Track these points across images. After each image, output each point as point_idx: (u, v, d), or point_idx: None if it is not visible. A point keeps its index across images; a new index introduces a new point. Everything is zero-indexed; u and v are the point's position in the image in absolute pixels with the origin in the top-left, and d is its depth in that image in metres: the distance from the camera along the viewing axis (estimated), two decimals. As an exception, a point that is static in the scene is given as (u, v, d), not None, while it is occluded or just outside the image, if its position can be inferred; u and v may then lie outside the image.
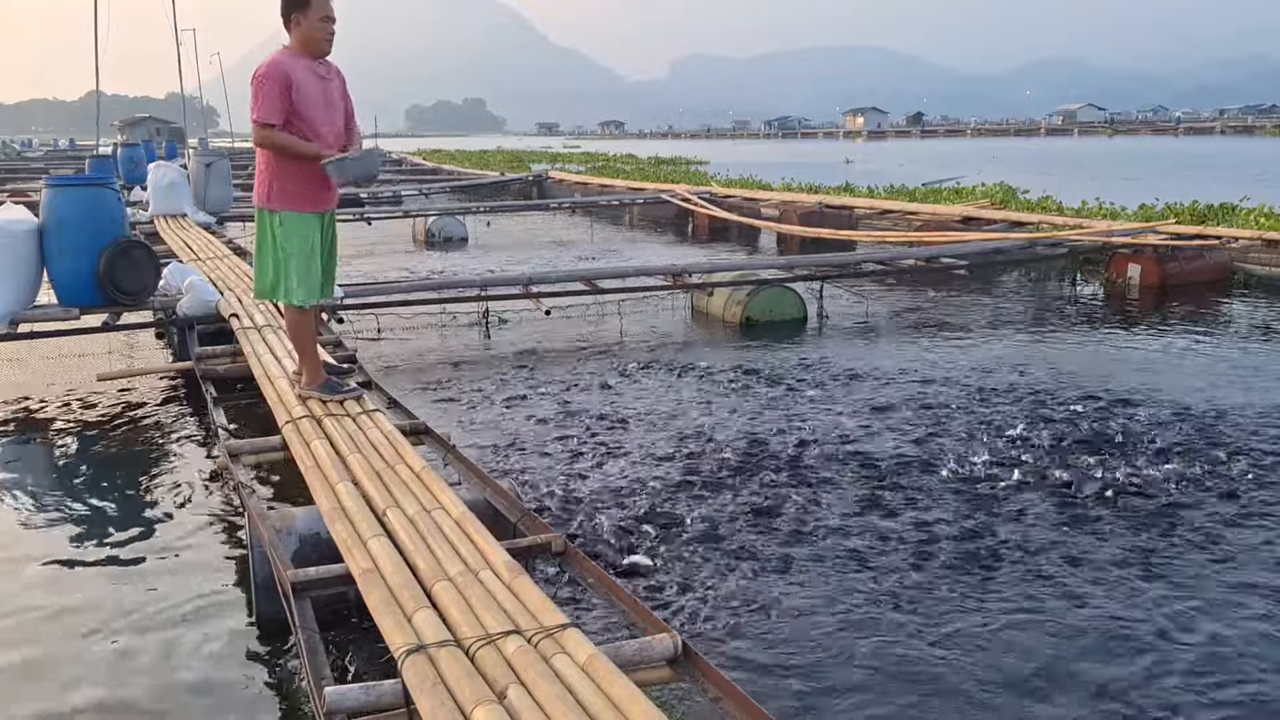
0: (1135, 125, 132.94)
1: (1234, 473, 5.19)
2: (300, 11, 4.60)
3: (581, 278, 9.99)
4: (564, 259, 14.91)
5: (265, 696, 3.37)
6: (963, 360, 7.89)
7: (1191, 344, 8.46)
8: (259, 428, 5.38)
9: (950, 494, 4.96)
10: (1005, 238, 12.09)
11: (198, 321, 7.35)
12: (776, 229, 16.65)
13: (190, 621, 3.86)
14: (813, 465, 5.39)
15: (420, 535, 3.29)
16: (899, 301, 10.98)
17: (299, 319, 4.85)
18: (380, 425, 4.52)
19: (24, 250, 7.18)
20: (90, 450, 5.97)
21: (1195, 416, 6.15)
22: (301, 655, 2.86)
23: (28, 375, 7.93)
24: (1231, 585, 4.01)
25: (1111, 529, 4.53)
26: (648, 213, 20.91)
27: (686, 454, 5.61)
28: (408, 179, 30.76)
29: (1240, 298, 10.73)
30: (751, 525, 4.61)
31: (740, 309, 9.60)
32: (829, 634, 3.65)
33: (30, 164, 38.37)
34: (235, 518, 4.80)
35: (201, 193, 15.33)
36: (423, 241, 17.30)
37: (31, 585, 4.22)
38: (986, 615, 3.77)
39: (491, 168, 34.54)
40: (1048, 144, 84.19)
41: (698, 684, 2.63)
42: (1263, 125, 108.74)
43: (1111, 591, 3.96)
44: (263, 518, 3.70)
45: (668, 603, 3.86)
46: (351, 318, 9.15)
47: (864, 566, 4.19)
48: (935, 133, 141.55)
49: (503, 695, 2.35)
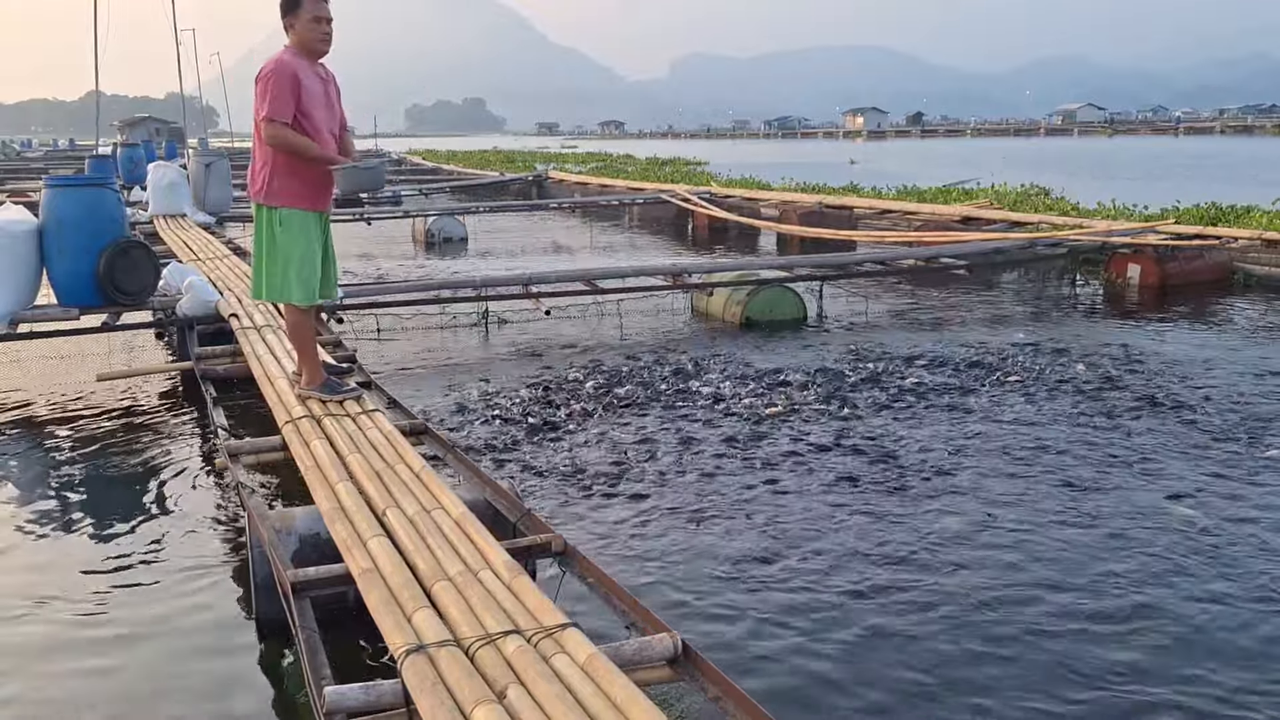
0: (1135, 125, 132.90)
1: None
2: (292, 14, 4.62)
3: (581, 278, 9.99)
4: (564, 259, 14.92)
5: (265, 696, 3.37)
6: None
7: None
8: (259, 428, 5.37)
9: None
10: (1005, 238, 12.09)
11: (197, 321, 7.35)
12: (776, 229, 16.65)
13: (190, 621, 3.86)
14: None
15: (420, 535, 3.29)
16: (899, 301, 10.98)
17: (299, 319, 4.85)
18: (380, 425, 4.52)
19: (24, 250, 7.18)
20: (90, 450, 5.97)
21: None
22: (301, 655, 2.86)
23: (27, 376, 7.93)
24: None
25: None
26: (647, 213, 20.91)
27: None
28: (407, 179, 30.74)
29: (1240, 297, 10.74)
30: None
31: (740, 309, 9.60)
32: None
33: (30, 164, 38.36)
34: (235, 518, 4.81)
35: (201, 193, 15.33)
36: (422, 242, 17.30)
37: (31, 585, 4.21)
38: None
39: (489, 168, 34.48)
40: (1048, 144, 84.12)
41: (698, 684, 2.63)
42: (1263, 125, 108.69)
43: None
44: (263, 518, 3.70)
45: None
46: (351, 318, 9.15)
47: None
48: (935, 132, 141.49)
49: (503, 695, 2.35)
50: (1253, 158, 47.39)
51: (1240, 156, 49.15)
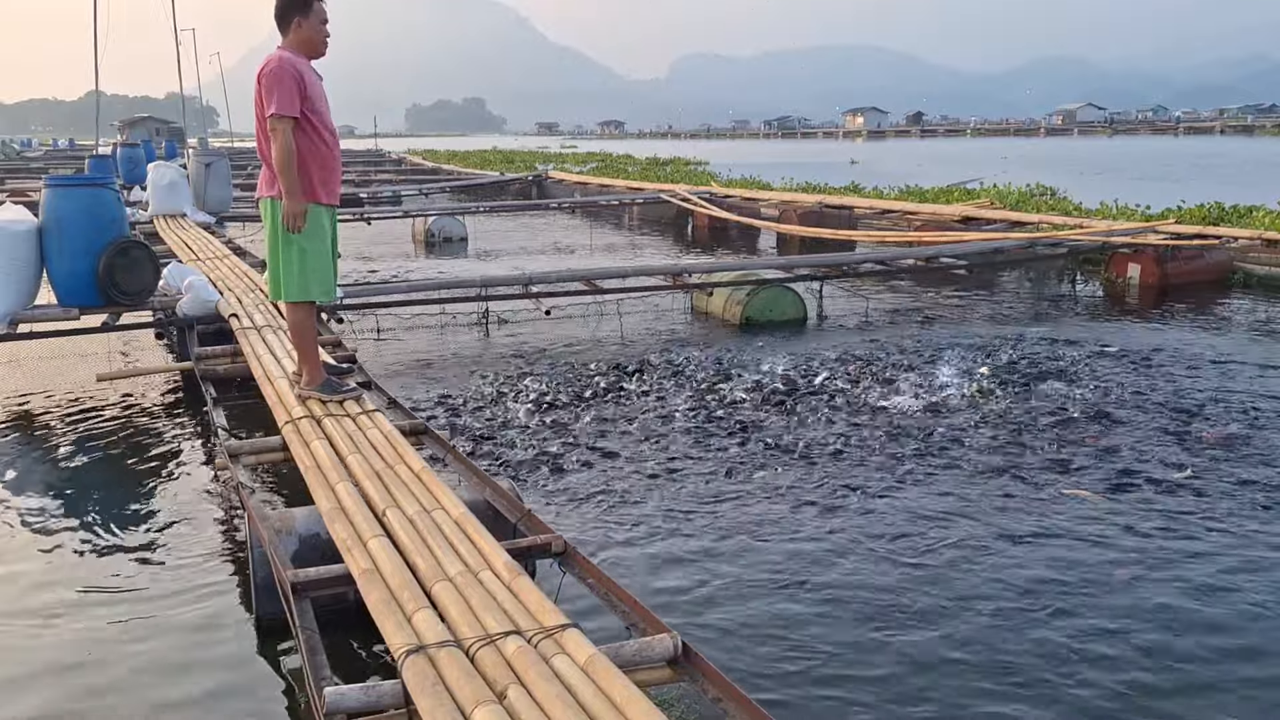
0: (1135, 125, 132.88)
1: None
2: (303, 14, 4.61)
3: (581, 278, 9.99)
4: (564, 259, 14.92)
5: (265, 696, 3.37)
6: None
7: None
8: (259, 428, 5.38)
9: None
10: (1005, 237, 12.09)
11: (197, 321, 7.34)
12: (776, 229, 16.64)
13: (190, 622, 3.86)
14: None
15: (420, 535, 3.29)
16: (898, 301, 10.98)
17: (302, 318, 4.82)
18: (380, 425, 4.52)
19: (23, 250, 7.17)
20: (90, 451, 5.96)
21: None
22: (301, 655, 2.86)
23: (27, 376, 7.93)
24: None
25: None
26: (647, 212, 20.91)
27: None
28: (407, 179, 30.73)
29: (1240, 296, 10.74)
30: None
31: (740, 309, 9.60)
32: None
33: (30, 164, 38.32)
34: (235, 518, 4.80)
35: (201, 193, 15.31)
36: (422, 242, 17.30)
37: (30, 585, 4.21)
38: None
39: (489, 168, 34.44)
40: (1049, 144, 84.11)
41: (698, 684, 2.63)
42: (1263, 125, 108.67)
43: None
44: (263, 518, 3.69)
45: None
46: (351, 318, 9.14)
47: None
48: (935, 132, 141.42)
49: (503, 696, 2.35)
50: (1253, 158, 47.36)
51: (1242, 156, 49.11)
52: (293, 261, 4.65)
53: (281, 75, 4.50)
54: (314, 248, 4.67)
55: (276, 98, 4.47)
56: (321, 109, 4.66)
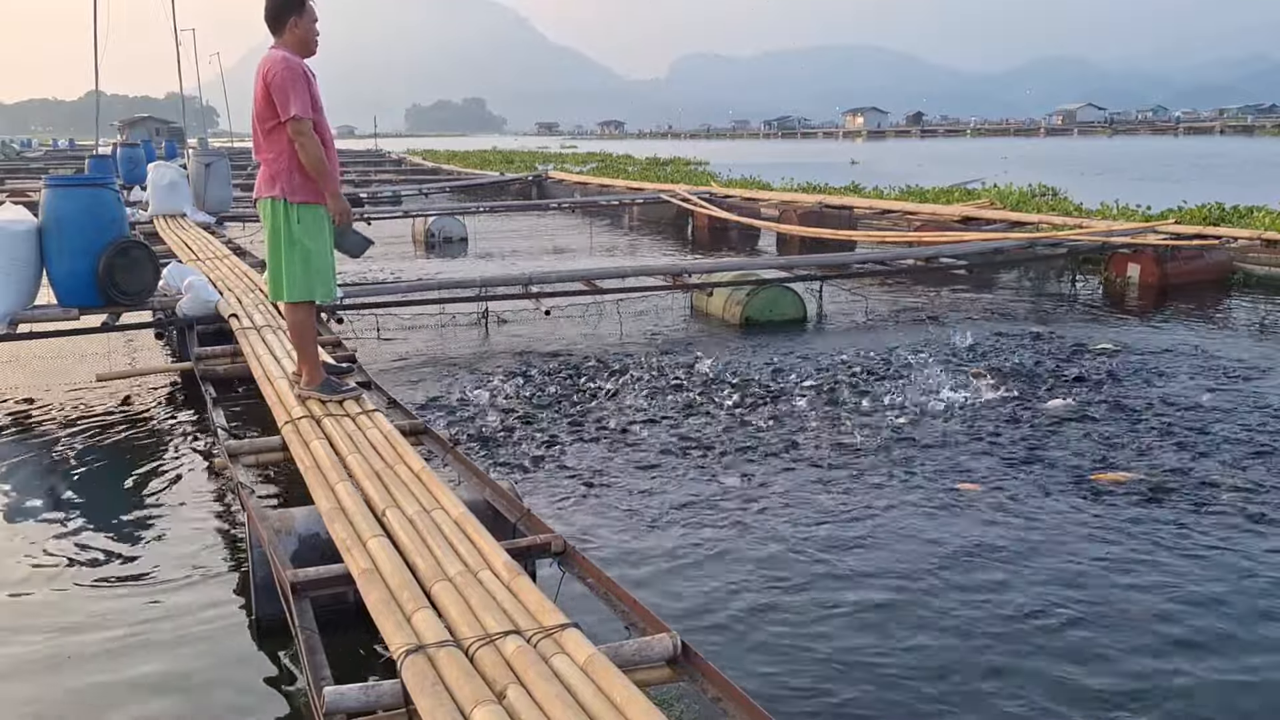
0: (1135, 125, 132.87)
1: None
2: (298, 14, 4.61)
3: (581, 278, 9.99)
4: (564, 259, 14.91)
5: (265, 696, 3.37)
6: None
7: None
8: (259, 428, 5.38)
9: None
10: (1005, 237, 12.09)
11: (197, 321, 7.35)
12: (776, 229, 16.63)
13: (189, 622, 3.86)
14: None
15: (420, 535, 3.29)
16: (898, 301, 10.98)
17: (302, 318, 4.83)
18: (380, 425, 4.52)
19: (23, 250, 7.18)
20: (90, 451, 5.96)
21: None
22: (301, 655, 2.86)
23: (27, 376, 7.93)
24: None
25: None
26: (647, 212, 20.90)
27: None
28: (407, 179, 30.72)
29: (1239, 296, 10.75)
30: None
31: (740, 309, 9.60)
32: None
33: (30, 164, 38.32)
34: (235, 518, 4.80)
35: (201, 193, 15.32)
36: (422, 242, 17.29)
37: (29, 585, 4.21)
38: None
39: (489, 168, 34.41)
40: (1049, 144, 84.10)
41: (697, 684, 2.63)
42: (1263, 125, 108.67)
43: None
44: (262, 518, 3.69)
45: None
46: (351, 318, 9.14)
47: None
48: (935, 132, 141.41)
49: (502, 695, 2.35)
50: (1253, 158, 47.35)
51: (1242, 157, 49.10)
52: (296, 262, 4.66)
53: (295, 77, 4.50)
54: (317, 248, 4.68)
55: (295, 100, 4.46)
56: (321, 110, 4.68)
